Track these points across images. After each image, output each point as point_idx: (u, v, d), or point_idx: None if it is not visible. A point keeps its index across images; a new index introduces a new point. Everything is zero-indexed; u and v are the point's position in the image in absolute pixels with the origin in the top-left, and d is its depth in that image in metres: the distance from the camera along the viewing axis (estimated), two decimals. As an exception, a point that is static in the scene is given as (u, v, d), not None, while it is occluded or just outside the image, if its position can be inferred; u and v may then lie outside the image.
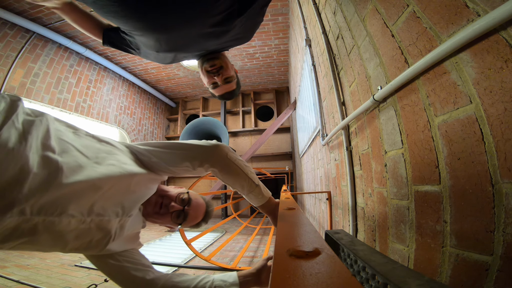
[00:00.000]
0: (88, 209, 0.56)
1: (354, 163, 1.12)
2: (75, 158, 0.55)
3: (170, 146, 0.73)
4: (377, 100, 0.77)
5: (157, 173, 0.74)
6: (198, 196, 0.88)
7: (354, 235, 1.11)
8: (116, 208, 0.62)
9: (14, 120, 0.48)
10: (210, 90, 0.99)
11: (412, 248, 0.64)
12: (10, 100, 0.50)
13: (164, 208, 0.77)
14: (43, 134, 0.52)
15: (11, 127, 0.47)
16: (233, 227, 4.38)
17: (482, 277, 0.43)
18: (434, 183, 0.56)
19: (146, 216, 0.77)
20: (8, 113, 0.48)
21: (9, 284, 1.81)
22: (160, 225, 0.81)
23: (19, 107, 0.51)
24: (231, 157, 0.73)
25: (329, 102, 1.50)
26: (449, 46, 0.46)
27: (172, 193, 0.80)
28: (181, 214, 0.78)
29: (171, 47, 0.83)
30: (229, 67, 0.94)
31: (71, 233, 0.54)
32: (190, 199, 0.81)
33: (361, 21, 0.90)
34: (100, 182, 0.57)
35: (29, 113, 0.53)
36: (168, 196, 0.79)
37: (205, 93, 6.29)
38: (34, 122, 0.51)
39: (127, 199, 0.65)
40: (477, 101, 0.44)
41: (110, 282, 1.85)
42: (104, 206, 0.59)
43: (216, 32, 0.82)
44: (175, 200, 0.79)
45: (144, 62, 4.67)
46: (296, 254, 0.25)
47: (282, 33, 4.00)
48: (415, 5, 0.59)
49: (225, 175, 0.73)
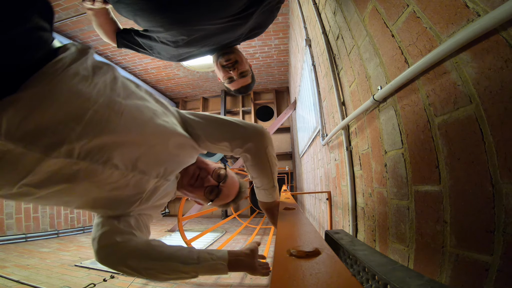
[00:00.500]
0: (133, 163, 0.54)
1: (354, 163, 1.12)
2: (137, 106, 0.54)
3: (216, 121, 0.71)
4: (377, 100, 0.77)
5: (196, 144, 0.71)
6: (234, 175, 0.85)
7: (354, 235, 1.11)
8: (159, 168, 0.60)
9: (83, 60, 0.47)
10: (226, 85, 0.99)
11: (412, 248, 0.64)
12: (81, 47, 0.49)
13: (200, 181, 0.75)
14: (111, 77, 0.51)
15: (81, 65, 0.45)
16: (233, 227, 4.38)
17: (482, 277, 0.43)
18: (434, 183, 0.56)
19: (180, 187, 0.75)
20: (79, 54, 0.47)
21: (9, 284, 1.81)
22: (191, 199, 0.79)
23: (89, 53, 0.50)
24: (268, 151, 0.72)
25: (329, 102, 1.50)
26: (449, 46, 0.46)
27: (211, 167, 0.78)
28: (214, 190, 0.75)
29: (190, 41, 0.84)
30: (244, 61, 0.95)
31: (108, 186, 0.52)
32: (226, 176, 0.78)
33: (361, 21, 0.90)
34: (153, 136, 0.56)
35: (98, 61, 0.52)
36: (206, 169, 0.77)
37: (205, 93, 6.29)
38: (103, 67, 0.51)
39: (170, 161, 0.63)
40: (477, 101, 0.44)
41: (109, 282, 1.85)
42: (148, 163, 0.57)
43: (235, 25, 0.82)
44: (211, 174, 0.76)
45: (144, 62, 4.67)
46: (296, 254, 0.25)
47: (282, 33, 4.00)
48: (415, 5, 0.59)
49: (254, 166, 0.72)
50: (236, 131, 0.70)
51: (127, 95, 0.53)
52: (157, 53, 0.91)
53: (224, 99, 6.12)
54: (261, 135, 0.72)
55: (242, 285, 1.87)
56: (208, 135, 0.69)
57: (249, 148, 0.70)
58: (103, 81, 0.48)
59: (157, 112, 0.60)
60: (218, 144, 0.70)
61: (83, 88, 0.44)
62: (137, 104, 0.55)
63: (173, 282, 1.89)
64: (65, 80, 0.42)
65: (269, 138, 0.73)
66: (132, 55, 4.36)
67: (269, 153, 0.73)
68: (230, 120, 0.72)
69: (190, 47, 0.88)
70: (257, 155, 0.71)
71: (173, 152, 0.63)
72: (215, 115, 0.74)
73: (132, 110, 0.52)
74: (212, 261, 0.60)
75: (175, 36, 0.81)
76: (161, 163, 0.61)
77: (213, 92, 6.27)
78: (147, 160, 0.57)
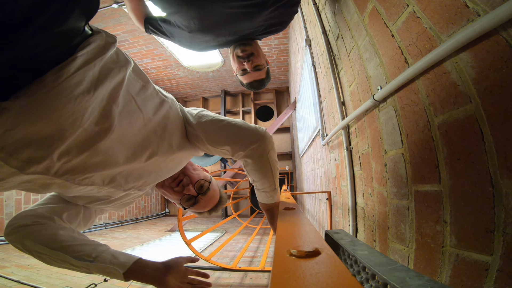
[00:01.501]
0: (110, 179, 0.53)
1: (354, 163, 1.12)
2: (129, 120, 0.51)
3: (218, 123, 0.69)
4: (377, 100, 0.77)
5: (195, 145, 0.69)
6: (217, 187, 0.84)
7: (354, 235, 1.11)
8: (137, 182, 0.59)
9: (96, 63, 0.42)
10: (239, 77, 0.97)
11: (412, 248, 0.64)
12: (104, 42, 0.44)
13: (181, 187, 0.74)
14: (115, 84, 0.46)
15: (88, 72, 0.41)
16: (233, 227, 4.38)
17: (482, 277, 0.43)
18: (434, 183, 0.56)
19: (160, 185, 0.74)
20: (95, 55, 0.42)
21: (9, 284, 1.81)
22: (167, 198, 0.78)
23: (109, 50, 0.45)
24: (270, 155, 0.70)
25: (329, 102, 1.50)
26: (449, 46, 0.46)
27: (195, 176, 0.77)
28: (191, 199, 0.74)
29: (204, 26, 0.83)
30: (261, 55, 0.93)
31: (78, 192, 0.53)
32: (208, 189, 0.77)
33: (361, 21, 0.90)
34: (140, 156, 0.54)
35: (114, 59, 0.48)
36: (191, 178, 0.75)
37: (205, 93, 6.29)
38: (113, 70, 0.46)
39: (152, 176, 0.62)
40: (477, 101, 0.44)
41: (109, 282, 1.85)
42: (127, 179, 0.56)
43: (248, 12, 0.81)
44: (194, 183, 0.75)
45: (144, 62, 4.67)
46: (296, 254, 0.25)
47: (282, 33, 4.00)
48: (415, 5, 0.59)
49: (255, 171, 0.70)
50: (238, 136, 0.68)
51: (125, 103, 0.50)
52: (178, 40, 0.92)
53: (224, 99, 6.12)
54: (263, 139, 0.68)
55: (242, 285, 1.87)
56: (210, 139, 0.67)
57: (251, 153, 0.68)
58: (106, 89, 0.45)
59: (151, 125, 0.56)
60: (220, 148, 0.68)
61: (80, 103, 0.40)
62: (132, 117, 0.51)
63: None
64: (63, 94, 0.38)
65: (271, 142, 0.71)
66: (132, 55, 4.36)
67: (271, 157, 0.70)
68: (233, 123, 0.70)
69: (205, 34, 0.87)
70: (258, 160, 0.69)
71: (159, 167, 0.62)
72: (218, 117, 0.71)
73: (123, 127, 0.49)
74: (108, 264, 0.56)
75: (188, 19, 0.81)
76: (140, 178, 0.60)
77: (213, 92, 6.27)
78: (127, 175, 0.56)
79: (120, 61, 0.48)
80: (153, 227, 4.72)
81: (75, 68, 0.39)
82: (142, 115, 0.54)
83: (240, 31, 0.89)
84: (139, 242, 3.35)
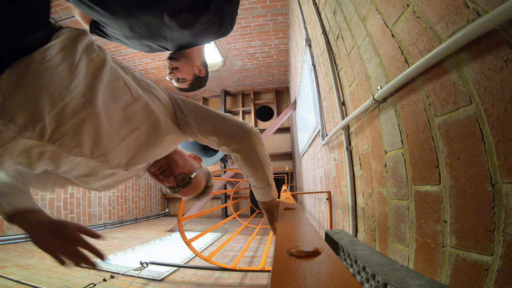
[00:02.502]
0: (98, 153, 0.55)
1: (354, 163, 1.12)
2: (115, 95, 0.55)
3: (208, 113, 0.72)
4: (377, 100, 0.77)
5: (184, 132, 0.72)
6: (204, 177, 0.85)
7: (354, 235, 1.11)
8: (123, 159, 0.61)
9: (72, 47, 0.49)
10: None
11: (412, 248, 0.64)
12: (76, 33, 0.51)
13: (162, 176, 0.76)
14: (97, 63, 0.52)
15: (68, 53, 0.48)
16: (233, 227, 4.38)
17: (482, 277, 0.43)
18: (434, 183, 0.56)
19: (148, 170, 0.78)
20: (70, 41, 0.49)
21: (9, 284, 1.81)
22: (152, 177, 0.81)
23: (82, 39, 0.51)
24: (258, 150, 0.72)
25: (329, 102, 1.50)
26: (449, 46, 0.46)
27: (179, 168, 0.77)
28: (171, 189, 0.77)
29: (136, 34, 0.84)
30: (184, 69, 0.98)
31: (67, 164, 0.54)
32: (189, 183, 0.78)
33: (361, 21, 0.90)
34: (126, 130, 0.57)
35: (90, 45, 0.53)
36: (173, 168, 0.77)
37: (205, 93, 6.29)
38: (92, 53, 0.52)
39: (138, 157, 0.64)
40: (477, 101, 0.44)
41: (108, 282, 1.85)
42: (114, 155, 0.58)
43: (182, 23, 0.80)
44: (176, 176, 0.76)
45: (144, 62, 4.67)
46: (296, 254, 0.25)
47: (282, 33, 4.00)
48: (415, 5, 0.59)
49: (245, 165, 0.73)
50: (225, 129, 0.71)
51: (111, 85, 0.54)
52: (124, 43, 0.93)
53: (224, 99, 6.12)
54: (248, 135, 0.71)
55: (242, 285, 1.87)
56: (200, 128, 0.70)
57: (238, 148, 0.71)
58: (86, 69, 0.50)
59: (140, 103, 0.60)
60: (208, 137, 0.71)
61: (65, 77, 0.47)
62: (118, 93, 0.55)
63: (172, 282, 1.89)
64: (49, 68, 0.45)
65: (257, 136, 0.73)
66: (132, 55, 4.36)
67: (259, 151, 0.72)
68: (222, 116, 0.73)
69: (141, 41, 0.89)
70: (246, 154, 0.71)
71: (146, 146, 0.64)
72: (209, 108, 0.74)
73: (107, 102, 0.53)
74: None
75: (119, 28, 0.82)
76: (128, 157, 0.62)
77: (213, 92, 6.27)
78: (114, 152, 0.58)
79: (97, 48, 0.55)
80: (153, 227, 4.73)
81: (57, 50, 0.47)
82: (130, 92, 0.58)
83: (179, 40, 0.90)
84: (139, 242, 3.35)
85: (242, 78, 5.55)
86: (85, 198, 4.27)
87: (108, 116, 0.53)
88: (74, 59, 0.49)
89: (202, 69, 1.05)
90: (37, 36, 0.46)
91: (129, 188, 5.41)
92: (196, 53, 1.00)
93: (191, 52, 0.99)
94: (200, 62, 1.04)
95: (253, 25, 3.76)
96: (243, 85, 5.91)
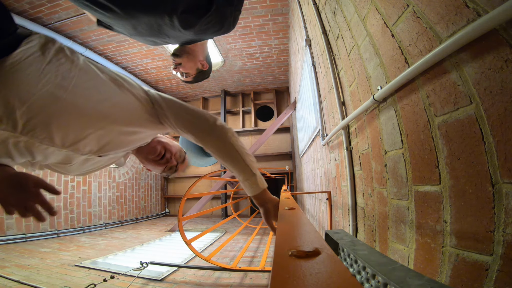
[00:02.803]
0: (69, 142, 0.60)
1: (354, 163, 1.12)
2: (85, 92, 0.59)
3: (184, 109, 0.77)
4: (377, 100, 0.77)
5: (164, 125, 0.77)
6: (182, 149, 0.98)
7: (354, 235, 1.11)
8: (94, 147, 0.66)
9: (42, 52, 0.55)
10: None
11: (412, 248, 0.64)
12: (44, 40, 0.57)
13: (165, 160, 0.87)
14: (66, 67, 0.58)
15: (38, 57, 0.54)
16: (233, 227, 4.38)
17: (482, 277, 0.43)
18: (434, 183, 0.56)
19: (143, 159, 0.86)
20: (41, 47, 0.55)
21: (9, 284, 1.81)
22: (148, 168, 0.92)
23: (51, 45, 0.57)
24: (233, 141, 0.75)
25: (329, 102, 1.50)
26: (449, 46, 0.46)
27: (173, 149, 0.91)
28: (173, 168, 0.90)
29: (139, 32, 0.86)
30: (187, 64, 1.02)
31: (41, 153, 0.60)
32: (185, 158, 0.95)
33: (361, 21, 0.90)
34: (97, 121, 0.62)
35: (60, 50, 0.59)
36: (170, 151, 0.89)
37: (205, 93, 6.29)
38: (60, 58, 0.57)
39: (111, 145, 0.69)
40: (477, 101, 0.44)
41: (109, 282, 1.85)
42: (86, 143, 0.63)
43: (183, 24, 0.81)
44: (174, 155, 0.90)
45: (144, 62, 4.67)
46: (296, 254, 0.25)
47: (282, 33, 3.99)
48: (415, 5, 0.59)
49: (222, 158, 0.76)
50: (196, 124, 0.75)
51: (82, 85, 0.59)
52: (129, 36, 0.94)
53: (224, 99, 6.12)
54: (215, 130, 0.75)
55: (242, 285, 1.87)
56: (177, 121, 0.75)
57: (209, 143, 0.75)
58: (55, 71, 0.55)
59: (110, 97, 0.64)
60: (183, 131, 0.76)
61: (33, 78, 0.52)
62: (87, 90, 0.60)
63: (172, 282, 1.89)
64: (19, 71, 0.51)
65: (228, 132, 0.76)
66: (132, 55, 4.36)
67: (234, 143, 0.75)
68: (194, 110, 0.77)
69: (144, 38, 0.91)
70: (219, 147, 0.75)
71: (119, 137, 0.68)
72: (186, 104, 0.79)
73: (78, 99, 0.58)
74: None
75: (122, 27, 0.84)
76: (100, 144, 0.66)
77: (213, 92, 6.27)
78: (85, 141, 0.62)
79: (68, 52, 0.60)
80: (153, 227, 4.73)
81: (27, 54, 0.52)
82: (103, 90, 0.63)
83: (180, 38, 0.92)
84: (139, 242, 3.35)
85: (242, 78, 5.55)
86: (85, 198, 4.27)
87: (79, 112, 0.59)
88: (43, 62, 0.54)
89: (205, 63, 1.08)
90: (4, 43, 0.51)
91: (129, 188, 5.41)
92: (199, 48, 1.02)
93: (194, 48, 1.01)
94: (203, 56, 1.06)
95: (253, 25, 3.76)
96: (243, 85, 5.91)
